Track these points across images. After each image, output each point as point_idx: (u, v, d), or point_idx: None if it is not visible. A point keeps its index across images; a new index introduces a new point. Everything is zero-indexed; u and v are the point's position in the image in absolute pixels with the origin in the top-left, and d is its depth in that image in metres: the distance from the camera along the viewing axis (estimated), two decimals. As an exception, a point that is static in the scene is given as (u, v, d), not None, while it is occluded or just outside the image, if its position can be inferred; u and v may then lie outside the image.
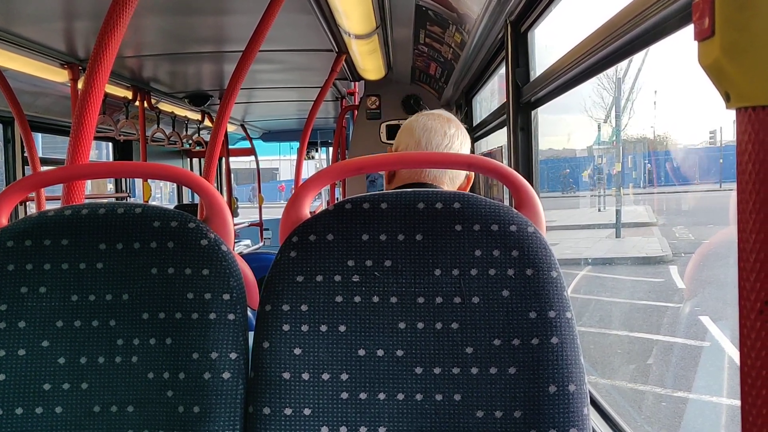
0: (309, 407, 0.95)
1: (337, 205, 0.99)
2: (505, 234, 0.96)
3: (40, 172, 1.11)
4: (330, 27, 2.65)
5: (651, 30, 1.19)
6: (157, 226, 1.01)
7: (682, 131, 18.45)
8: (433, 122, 1.49)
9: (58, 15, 2.36)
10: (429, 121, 1.49)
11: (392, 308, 0.97)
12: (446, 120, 1.51)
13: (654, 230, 10.92)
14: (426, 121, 1.50)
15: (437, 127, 1.47)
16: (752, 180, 0.42)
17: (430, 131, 1.46)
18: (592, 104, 14.27)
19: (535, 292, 0.95)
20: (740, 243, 0.44)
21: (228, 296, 0.98)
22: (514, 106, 2.21)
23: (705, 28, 0.42)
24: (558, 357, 0.93)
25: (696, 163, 14.24)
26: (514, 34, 2.20)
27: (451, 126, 1.49)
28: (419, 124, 1.49)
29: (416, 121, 1.51)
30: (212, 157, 2.52)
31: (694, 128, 17.10)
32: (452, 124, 1.51)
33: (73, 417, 0.97)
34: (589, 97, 13.99)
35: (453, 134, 1.48)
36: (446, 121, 1.50)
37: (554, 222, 13.39)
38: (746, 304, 0.44)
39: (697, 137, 16.16)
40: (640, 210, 13.31)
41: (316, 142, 7.90)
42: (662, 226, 11.13)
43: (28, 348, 0.99)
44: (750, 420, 0.44)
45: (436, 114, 1.53)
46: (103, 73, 1.42)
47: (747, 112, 0.42)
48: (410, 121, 1.53)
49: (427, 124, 1.48)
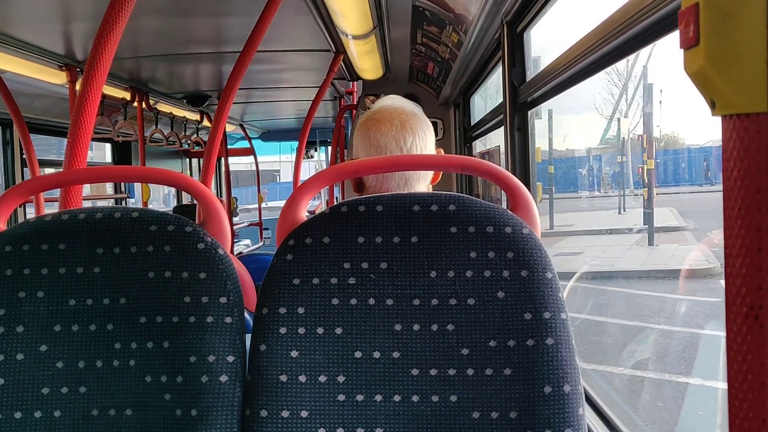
0: (306, 409, 0.95)
1: (333, 208, 1.00)
2: (500, 236, 0.96)
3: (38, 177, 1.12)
4: (327, 27, 2.65)
5: (646, 31, 1.20)
6: (154, 230, 1.01)
7: (700, 128, 18.06)
8: (386, 139, 1.28)
9: (56, 17, 2.36)
10: (381, 138, 1.28)
11: (388, 310, 0.97)
12: (399, 126, 1.29)
13: (686, 236, 9.89)
14: (378, 137, 1.28)
15: (392, 145, 1.28)
16: (737, 186, 0.43)
17: (387, 150, 1.28)
18: (603, 101, 13.90)
19: (530, 293, 0.95)
20: (727, 248, 0.44)
21: (225, 299, 0.99)
22: (511, 106, 2.21)
23: (690, 37, 0.43)
24: (553, 358, 0.94)
25: (716, 161, 13.97)
26: (511, 34, 2.20)
27: (406, 136, 1.28)
28: (372, 141, 1.29)
29: (367, 137, 1.30)
30: (211, 157, 2.53)
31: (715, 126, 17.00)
32: (406, 133, 1.28)
33: (72, 421, 0.98)
34: (599, 93, 13.55)
35: (411, 143, 1.28)
36: (400, 129, 1.28)
37: (572, 226, 12.25)
38: (732, 308, 0.44)
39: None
40: (665, 212, 11.92)
41: (315, 141, 7.90)
42: (694, 230, 10.08)
43: (26, 352, 0.99)
44: (737, 423, 0.45)
45: (386, 121, 1.29)
46: (100, 74, 1.43)
47: (732, 120, 0.42)
48: (363, 138, 1.31)
49: (380, 141, 1.28)
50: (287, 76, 4.00)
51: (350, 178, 1.26)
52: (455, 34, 2.84)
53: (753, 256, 0.42)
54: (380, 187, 1.29)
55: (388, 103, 1.35)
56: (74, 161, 1.43)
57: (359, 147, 1.32)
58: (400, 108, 1.32)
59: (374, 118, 1.31)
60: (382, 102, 1.37)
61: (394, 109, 1.32)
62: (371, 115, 1.33)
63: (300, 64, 3.58)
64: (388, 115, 1.31)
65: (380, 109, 1.33)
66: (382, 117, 1.30)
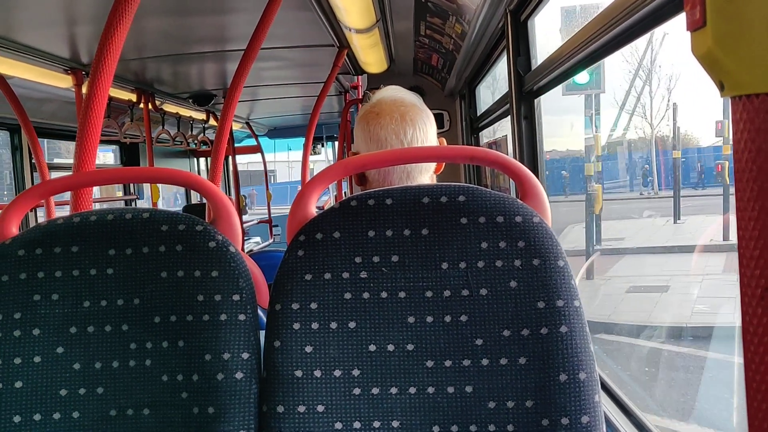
0: (322, 404, 0.96)
1: (343, 202, 1.00)
2: (511, 225, 0.96)
3: (48, 181, 1.12)
4: (330, 22, 2.65)
5: (652, 14, 1.19)
6: (165, 230, 1.02)
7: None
8: (386, 132, 1.27)
9: (60, 21, 2.36)
10: (381, 131, 1.27)
11: (401, 303, 0.97)
12: (399, 119, 1.28)
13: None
14: (378, 131, 1.28)
15: (392, 139, 1.27)
16: (749, 168, 0.42)
17: (387, 144, 1.27)
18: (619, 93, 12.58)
19: (542, 282, 0.95)
20: (740, 230, 0.44)
21: (238, 297, 0.99)
22: (517, 96, 2.20)
23: (697, 18, 0.43)
24: (567, 345, 0.94)
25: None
26: (514, 23, 2.19)
27: (406, 129, 1.27)
28: (372, 135, 1.28)
29: (367, 131, 1.29)
30: (218, 156, 2.53)
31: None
32: (406, 125, 1.27)
33: (90, 421, 0.99)
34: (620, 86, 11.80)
35: (412, 136, 1.27)
36: (399, 122, 1.27)
37: (622, 241, 9.49)
38: (747, 291, 0.44)
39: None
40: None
41: (321, 137, 7.89)
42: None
43: (43, 355, 1.00)
44: (755, 405, 0.45)
45: (386, 114, 1.28)
46: (106, 77, 1.43)
47: (741, 101, 0.42)
48: (363, 131, 1.30)
49: (380, 135, 1.27)
50: (292, 72, 4.00)
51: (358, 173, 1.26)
52: (459, 24, 2.83)
53: (767, 238, 0.42)
54: (383, 181, 1.29)
55: (388, 94, 1.33)
56: (83, 164, 1.43)
57: (360, 141, 1.31)
58: (399, 100, 1.31)
59: (374, 111, 1.30)
60: (381, 93, 1.36)
61: (393, 101, 1.30)
62: (370, 108, 1.31)
63: (304, 60, 3.58)
64: (387, 107, 1.29)
65: (379, 102, 1.32)
66: (381, 110, 1.29)
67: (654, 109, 14.13)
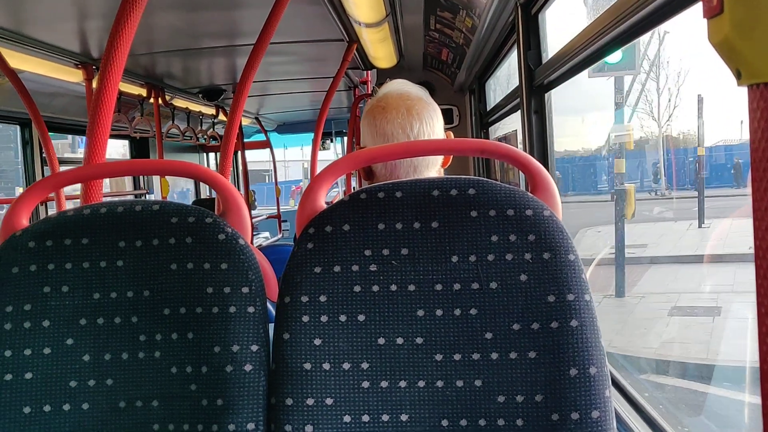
0: (331, 397, 0.95)
1: (352, 195, 1.00)
2: (521, 218, 0.96)
3: (58, 173, 1.12)
4: (340, 16, 2.64)
5: (663, 7, 1.18)
6: (175, 222, 1.02)
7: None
8: (393, 126, 1.27)
9: (70, 15, 2.37)
10: (387, 126, 1.27)
11: (410, 296, 0.97)
12: (405, 113, 1.28)
13: None
14: (384, 125, 1.28)
15: (398, 133, 1.27)
16: (766, 157, 0.42)
17: (393, 138, 1.27)
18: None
19: (553, 275, 0.94)
20: (755, 220, 0.43)
21: (247, 289, 0.99)
22: (527, 89, 2.19)
23: (714, 5, 0.42)
24: (578, 340, 0.93)
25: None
26: (525, 16, 2.18)
27: (413, 123, 1.27)
28: (379, 129, 1.28)
29: (373, 125, 1.29)
30: (227, 151, 2.53)
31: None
32: (413, 119, 1.27)
33: (100, 413, 0.99)
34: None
35: (418, 130, 1.27)
36: (406, 116, 1.27)
37: (644, 249, 8.34)
38: (763, 283, 0.43)
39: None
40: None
41: (330, 132, 7.89)
42: None
43: (53, 346, 1.00)
44: None
45: (392, 108, 1.28)
46: (116, 71, 1.43)
47: (759, 89, 0.41)
48: (370, 126, 1.31)
49: (386, 129, 1.27)
50: (301, 67, 3.99)
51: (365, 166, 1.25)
52: (469, 18, 2.82)
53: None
54: (389, 175, 1.29)
55: (394, 88, 1.33)
56: (94, 158, 1.44)
57: (366, 135, 1.32)
58: (405, 93, 1.31)
59: (380, 105, 1.30)
60: (388, 87, 1.36)
61: (399, 95, 1.30)
62: (377, 102, 1.31)
63: (313, 55, 3.57)
64: (394, 101, 1.29)
65: (386, 95, 1.32)
66: (387, 104, 1.29)
67: (662, 106, 13.83)
